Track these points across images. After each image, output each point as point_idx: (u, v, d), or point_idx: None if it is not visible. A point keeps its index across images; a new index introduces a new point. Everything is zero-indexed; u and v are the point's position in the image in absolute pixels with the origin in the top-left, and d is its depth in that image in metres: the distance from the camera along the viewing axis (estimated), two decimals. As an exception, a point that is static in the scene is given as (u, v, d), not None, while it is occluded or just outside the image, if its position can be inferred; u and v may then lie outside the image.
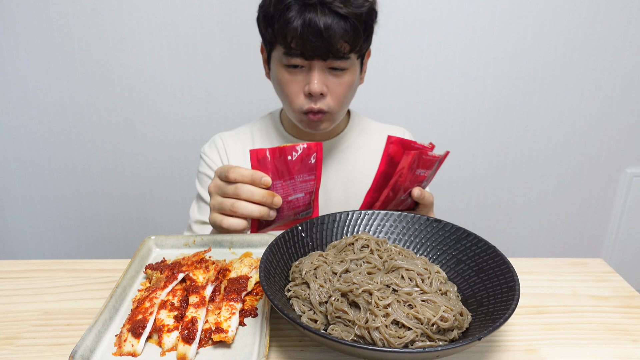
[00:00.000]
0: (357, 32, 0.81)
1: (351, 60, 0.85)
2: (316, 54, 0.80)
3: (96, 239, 1.68)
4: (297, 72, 0.84)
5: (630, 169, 1.68)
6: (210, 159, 1.01)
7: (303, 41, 0.79)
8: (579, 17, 1.47)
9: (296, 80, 0.85)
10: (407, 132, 1.09)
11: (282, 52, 0.83)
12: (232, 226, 0.70)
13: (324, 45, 0.79)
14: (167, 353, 0.52)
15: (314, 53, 0.80)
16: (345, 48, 0.82)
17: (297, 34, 0.78)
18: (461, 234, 0.64)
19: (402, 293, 0.52)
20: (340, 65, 0.83)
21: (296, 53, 0.81)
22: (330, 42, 0.79)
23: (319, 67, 0.83)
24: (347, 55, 0.83)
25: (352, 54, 0.84)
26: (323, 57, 0.81)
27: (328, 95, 0.85)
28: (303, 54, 0.81)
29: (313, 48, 0.79)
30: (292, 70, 0.84)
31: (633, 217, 1.72)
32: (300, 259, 0.62)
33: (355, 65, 0.87)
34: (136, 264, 0.66)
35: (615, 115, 1.60)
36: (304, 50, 0.80)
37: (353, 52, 0.84)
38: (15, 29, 1.40)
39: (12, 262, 0.72)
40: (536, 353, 0.55)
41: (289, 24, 0.78)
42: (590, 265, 0.74)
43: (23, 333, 0.57)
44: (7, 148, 1.55)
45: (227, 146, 1.02)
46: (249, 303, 0.60)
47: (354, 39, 0.81)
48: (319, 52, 0.80)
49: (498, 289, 0.55)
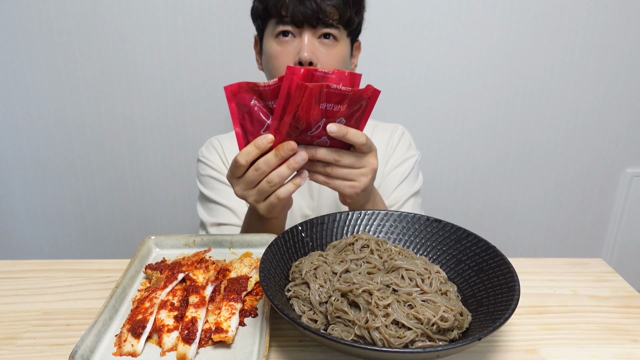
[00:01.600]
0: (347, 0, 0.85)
1: (340, 32, 0.88)
2: (306, 20, 0.83)
3: (96, 239, 1.68)
4: (288, 43, 0.86)
5: (630, 169, 1.68)
6: (210, 160, 1.02)
7: (294, 8, 0.82)
8: (579, 17, 1.46)
9: (286, 51, 0.87)
10: (406, 131, 1.09)
11: (273, 24, 0.87)
12: (287, 192, 0.67)
13: (314, 10, 0.82)
14: (167, 353, 0.52)
15: (304, 19, 0.83)
16: (334, 15, 0.85)
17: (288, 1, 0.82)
18: (461, 234, 0.64)
19: (402, 293, 0.52)
20: (329, 32, 0.86)
21: (287, 21, 0.84)
22: (320, 7, 0.82)
23: (309, 35, 0.85)
24: (336, 23, 0.86)
25: (341, 25, 0.87)
26: (313, 23, 0.84)
27: (318, 65, 0.86)
28: (294, 21, 0.84)
29: (303, 13, 0.82)
30: (283, 40, 0.86)
31: (633, 217, 1.72)
32: (300, 259, 0.62)
33: (346, 41, 0.90)
34: (136, 264, 0.66)
35: (615, 115, 1.60)
36: (294, 17, 0.83)
37: (341, 22, 0.87)
38: (15, 29, 1.40)
39: (12, 262, 0.72)
40: (536, 353, 0.55)
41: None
42: (590, 265, 0.74)
43: (23, 333, 0.57)
44: (7, 148, 1.55)
45: (224, 147, 1.03)
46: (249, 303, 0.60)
47: (343, 7, 0.85)
48: (308, 18, 0.83)
49: (498, 289, 0.55)
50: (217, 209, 0.97)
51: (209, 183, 1.00)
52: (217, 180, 1.00)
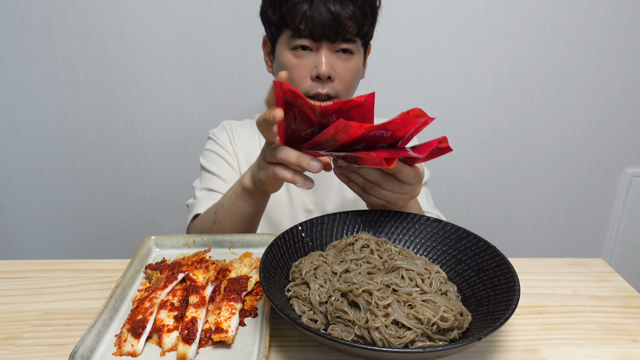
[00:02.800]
0: (365, 13, 0.83)
1: (357, 44, 0.87)
2: (325, 35, 0.82)
3: (96, 239, 1.68)
4: (304, 56, 0.85)
5: (630, 169, 1.68)
6: (219, 139, 1.03)
7: (313, 22, 0.80)
8: (579, 17, 1.46)
9: (303, 64, 0.86)
10: None
11: (289, 35, 0.85)
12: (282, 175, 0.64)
13: (333, 25, 0.81)
14: (167, 353, 0.52)
15: (322, 34, 0.82)
16: (353, 30, 0.83)
17: (307, 15, 0.80)
18: (461, 234, 0.64)
19: (402, 293, 0.52)
20: (347, 47, 0.85)
21: (305, 34, 0.83)
22: (339, 22, 0.81)
23: (326, 50, 0.84)
24: (354, 37, 0.85)
25: (358, 37, 0.86)
26: (331, 38, 0.83)
27: (335, 79, 0.86)
28: (312, 35, 0.82)
29: (322, 29, 0.81)
30: (299, 53, 0.85)
31: (633, 217, 1.72)
32: (300, 259, 0.62)
33: (360, 52, 0.89)
34: (136, 264, 0.66)
35: (615, 115, 1.60)
36: (313, 31, 0.81)
37: (359, 36, 0.86)
38: (15, 29, 1.40)
39: (12, 262, 0.72)
40: (536, 353, 0.55)
41: (298, 6, 0.81)
42: (590, 265, 0.74)
43: (23, 333, 0.57)
44: (7, 148, 1.55)
45: (235, 131, 1.04)
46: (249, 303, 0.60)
47: (361, 21, 0.83)
48: (327, 33, 0.81)
49: (498, 289, 0.55)
50: (211, 177, 0.99)
51: (210, 157, 1.02)
52: (219, 155, 1.01)
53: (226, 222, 0.80)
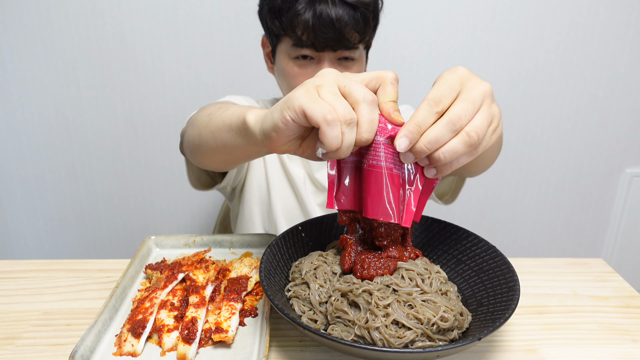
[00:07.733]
0: (367, 21, 0.82)
1: (359, 50, 0.86)
2: (327, 45, 0.81)
3: (96, 239, 1.68)
4: (307, 65, 0.85)
5: (630, 169, 1.68)
6: (235, 98, 0.96)
7: (315, 32, 0.79)
8: (579, 17, 1.46)
9: (306, 74, 0.85)
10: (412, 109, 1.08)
11: (290, 44, 0.84)
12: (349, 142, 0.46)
13: (336, 35, 0.80)
14: (167, 353, 0.52)
15: (325, 44, 0.81)
16: (356, 38, 0.83)
17: (309, 25, 0.79)
18: (461, 234, 0.64)
19: (402, 293, 0.52)
20: (350, 55, 0.84)
21: (307, 44, 0.82)
22: (342, 32, 0.79)
23: (329, 59, 0.84)
24: (356, 45, 0.84)
25: (361, 44, 0.85)
26: (334, 47, 0.82)
27: None
28: (314, 45, 0.81)
29: (325, 39, 0.80)
30: (302, 62, 0.85)
31: (633, 217, 1.72)
32: (300, 259, 0.62)
33: (362, 56, 0.89)
34: (136, 264, 0.66)
35: (615, 115, 1.60)
36: (316, 41, 0.80)
37: (362, 42, 0.85)
38: (15, 29, 1.40)
39: (12, 262, 0.72)
40: (536, 353, 0.55)
41: (299, 16, 0.79)
42: (590, 265, 0.74)
43: (23, 333, 0.57)
44: (7, 148, 1.55)
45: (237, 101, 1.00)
46: (249, 303, 0.60)
47: (364, 29, 0.82)
48: (330, 42, 0.81)
49: (498, 289, 0.55)
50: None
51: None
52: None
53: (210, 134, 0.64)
